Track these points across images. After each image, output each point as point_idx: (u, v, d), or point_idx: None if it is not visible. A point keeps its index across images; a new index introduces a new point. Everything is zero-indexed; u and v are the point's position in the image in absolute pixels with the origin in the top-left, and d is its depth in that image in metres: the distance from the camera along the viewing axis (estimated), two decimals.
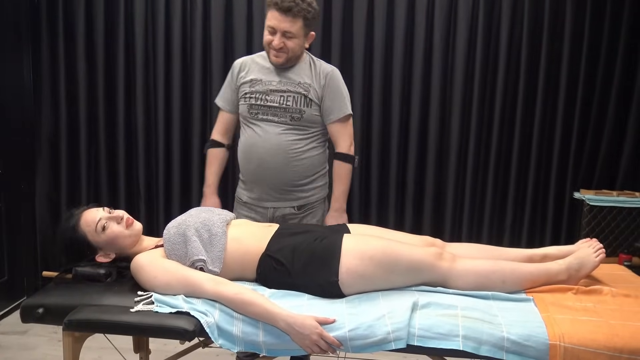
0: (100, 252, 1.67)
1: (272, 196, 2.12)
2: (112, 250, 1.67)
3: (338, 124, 2.12)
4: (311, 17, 1.97)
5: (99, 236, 1.63)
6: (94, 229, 1.62)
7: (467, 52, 2.82)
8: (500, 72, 2.82)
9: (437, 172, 2.92)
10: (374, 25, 2.83)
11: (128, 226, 1.66)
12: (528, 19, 2.76)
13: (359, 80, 2.87)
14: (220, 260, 1.61)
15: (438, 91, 2.86)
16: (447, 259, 1.64)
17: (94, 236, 1.63)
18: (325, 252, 1.60)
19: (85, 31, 2.93)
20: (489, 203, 2.93)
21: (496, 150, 2.89)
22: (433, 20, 2.81)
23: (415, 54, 2.84)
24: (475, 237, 2.94)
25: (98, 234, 1.63)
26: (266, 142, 2.06)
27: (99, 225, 1.62)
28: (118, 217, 1.66)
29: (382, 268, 1.58)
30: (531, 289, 1.65)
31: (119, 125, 3.00)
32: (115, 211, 1.69)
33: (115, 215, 1.66)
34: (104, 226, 1.63)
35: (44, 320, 1.50)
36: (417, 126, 2.89)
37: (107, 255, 1.68)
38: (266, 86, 2.06)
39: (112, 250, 1.67)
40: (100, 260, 1.67)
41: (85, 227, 1.64)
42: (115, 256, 1.69)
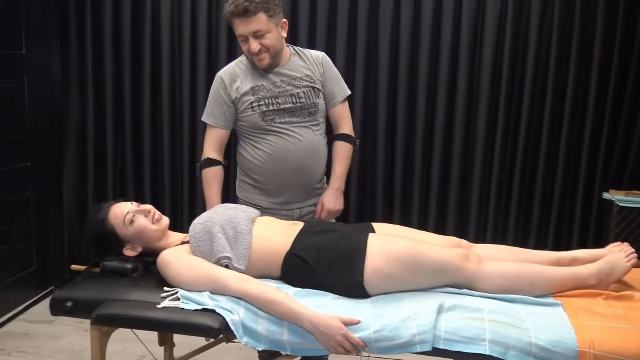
0: (127, 245, 1.70)
1: (301, 197, 2.11)
2: (139, 243, 1.70)
3: (341, 105, 2.14)
4: (271, 6, 1.90)
5: (126, 229, 1.66)
6: (122, 222, 1.66)
7: (495, 47, 2.77)
8: (528, 68, 2.77)
9: (462, 170, 2.88)
10: (400, 20, 2.79)
11: (156, 221, 1.69)
12: (559, 13, 2.70)
13: (384, 76, 2.83)
14: (245, 257, 1.62)
15: (464, 87, 2.81)
16: (473, 260, 1.62)
17: (122, 229, 1.66)
18: (351, 251, 1.59)
19: (112, 23, 2.95)
20: (515, 202, 2.88)
21: (523, 148, 2.84)
22: (460, 14, 2.76)
23: (441, 50, 2.80)
24: (501, 237, 2.89)
25: (126, 226, 1.66)
26: (298, 144, 2.03)
27: (127, 218, 1.66)
28: (146, 211, 1.69)
29: (408, 269, 1.57)
30: (559, 293, 1.62)
31: (144, 118, 3.02)
32: (143, 205, 1.72)
33: (143, 208, 1.70)
34: (132, 219, 1.66)
35: (73, 313, 1.53)
36: (442, 123, 2.85)
37: (134, 249, 1.70)
38: (271, 90, 2.01)
39: (139, 243, 1.70)
40: (127, 254, 1.69)
41: (113, 219, 1.67)
42: (142, 250, 1.71)
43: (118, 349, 2.52)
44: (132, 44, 2.96)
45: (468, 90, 2.82)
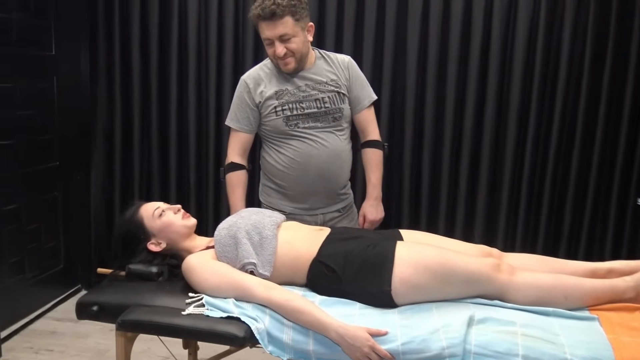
0: (152, 239, 1.71)
1: (324, 202, 2.08)
2: (164, 238, 1.71)
3: (367, 111, 2.11)
4: (298, 9, 1.87)
5: (154, 221, 1.70)
6: (151, 214, 1.70)
7: (526, 48, 2.69)
8: (561, 70, 2.68)
9: (491, 175, 2.82)
10: (429, 23, 2.73)
11: (184, 216, 1.74)
12: (594, 12, 2.61)
13: (411, 79, 2.78)
14: (270, 263, 1.60)
15: (494, 90, 2.75)
16: (505, 270, 1.58)
17: (150, 221, 1.70)
18: (378, 259, 1.55)
19: (139, 25, 2.95)
20: (545, 209, 2.80)
21: (555, 152, 2.76)
22: (491, 16, 2.69)
23: (471, 53, 2.73)
24: (530, 245, 2.82)
25: (154, 218, 1.70)
26: (322, 150, 2.00)
27: (156, 211, 1.71)
28: (175, 208, 1.74)
29: (437, 279, 1.53)
30: (595, 306, 1.56)
31: (171, 119, 3.03)
32: None
33: (174, 206, 1.75)
34: (161, 213, 1.70)
35: (99, 317, 1.54)
36: (470, 127, 2.79)
37: (158, 244, 1.71)
38: (296, 94, 1.98)
39: (164, 238, 1.71)
40: (150, 248, 1.71)
41: (143, 212, 1.72)
42: (166, 246, 1.71)
43: (142, 349, 2.53)
44: (159, 45, 2.97)
45: (498, 93, 2.75)
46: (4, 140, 2.59)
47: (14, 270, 2.71)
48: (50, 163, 2.94)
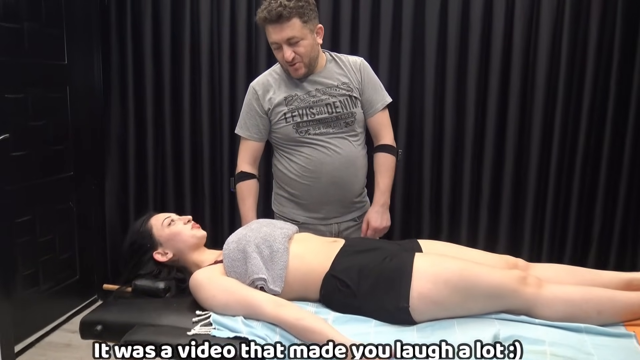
0: (159, 249, 1.68)
1: (339, 211, 2.01)
2: (170, 248, 1.68)
3: (380, 114, 2.03)
4: (306, 11, 1.80)
5: (163, 230, 1.68)
6: (160, 222, 1.70)
7: (551, 44, 2.56)
8: (588, 72, 2.55)
9: (515, 181, 2.69)
10: (448, 20, 2.62)
11: (194, 227, 1.72)
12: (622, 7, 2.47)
13: (430, 81, 2.68)
14: (281, 278, 1.52)
15: (517, 92, 2.62)
16: (532, 283, 1.48)
17: (159, 229, 1.69)
18: (395, 273, 1.47)
19: (152, 34, 2.92)
20: (573, 215, 2.66)
21: (583, 154, 2.62)
22: (513, 12, 2.57)
23: (492, 52, 2.62)
24: (558, 252, 2.69)
25: (163, 227, 1.69)
26: (335, 156, 1.92)
27: (166, 220, 1.70)
28: (186, 219, 1.73)
29: (459, 293, 1.44)
30: (632, 321, 1.45)
31: (184, 127, 2.98)
32: None
33: (183, 217, 1.75)
34: (170, 222, 1.69)
35: (103, 337, 1.48)
36: (493, 131, 2.67)
37: (164, 254, 1.68)
38: (306, 100, 1.91)
39: (171, 248, 1.68)
40: (156, 258, 1.68)
41: (154, 221, 1.72)
42: (172, 256, 1.68)
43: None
44: (172, 53, 2.93)
45: (521, 95, 2.63)
46: (17, 151, 2.57)
47: (28, 282, 2.69)
48: (64, 173, 2.91)
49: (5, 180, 2.50)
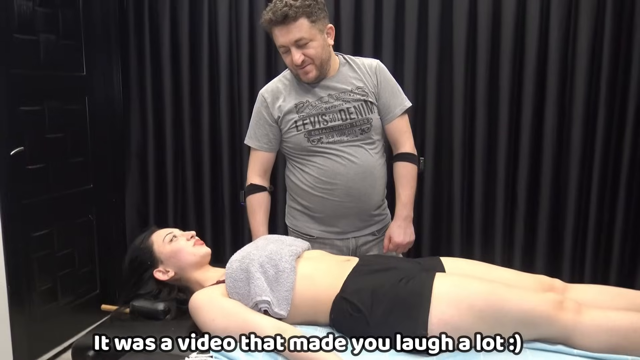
0: (160, 267, 1.60)
1: (356, 225, 1.87)
2: (172, 266, 1.60)
3: (399, 120, 1.88)
4: (313, 10, 1.68)
5: (164, 246, 1.61)
6: (162, 239, 1.63)
7: (591, 49, 2.39)
8: (633, 78, 2.35)
9: (554, 193, 2.51)
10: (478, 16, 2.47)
11: (196, 244, 1.62)
12: None
13: (459, 84, 2.53)
14: (287, 301, 1.39)
15: (555, 95, 2.45)
16: (570, 309, 1.32)
17: (160, 246, 1.61)
18: (412, 297, 1.33)
19: (170, 46, 2.88)
20: (619, 228, 2.46)
21: (629, 162, 2.42)
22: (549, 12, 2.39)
23: (526, 53, 2.45)
24: (602, 275, 2.49)
25: (164, 244, 1.61)
26: (350, 166, 1.79)
27: (167, 236, 1.63)
28: (188, 235, 1.65)
29: (485, 320, 1.29)
30: None
31: (204, 139, 2.93)
32: None
33: (186, 233, 1.66)
34: (172, 239, 1.62)
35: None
36: (528, 138, 2.51)
37: (165, 272, 1.60)
38: (317, 106, 1.79)
39: (172, 266, 1.60)
40: (157, 276, 1.59)
41: (155, 236, 1.65)
42: (174, 275, 1.59)
43: None
44: (191, 66, 2.89)
45: (559, 99, 2.45)
46: (34, 164, 2.54)
47: (46, 297, 2.65)
48: (84, 186, 2.88)
49: (22, 194, 2.48)
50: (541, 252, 2.54)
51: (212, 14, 2.80)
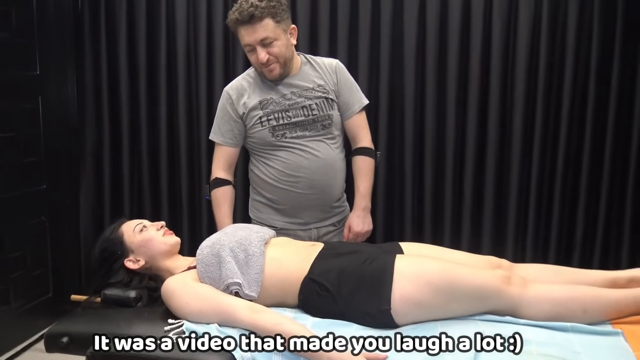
0: (130, 256, 1.62)
1: (318, 216, 1.96)
2: (143, 255, 1.62)
3: (358, 116, 2.00)
4: (278, 11, 1.78)
5: (134, 236, 1.62)
6: (132, 229, 1.64)
7: (530, 48, 2.57)
8: (567, 69, 2.55)
9: (497, 181, 2.67)
10: (426, 18, 2.61)
11: (166, 233, 1.65)
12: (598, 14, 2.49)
13: (410, 82, 2.65)
14: (257, 283, 1.46)
15: (498, 91, 2.60)
16: (516, 283, 1.45)
17: (130, 236, 1.62)
18: (376, 275, 1.42)
19: (127, 43, 2.86)
20: (556, 216, 2.64)
21: (564, 157, 2.61)
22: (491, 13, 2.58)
23: (471, 53, 2.60)
24: (542, 252, 2.66)
25: (135, 234, 1.62)
26: (312, 160, 1.89)
27: (138, 226, 1.64)
28: (158, 225, 1.67)
29: (441, 294, 1.40)
30: (618, 319, 1.43)
31: (161, 138, 2.92)
32: None
33: (156, 223, 1.68)
34: (142, 229, 1.63)
35: (69, 349, 1.41)
36: (474, 130, 2.64)
37: (136, 261, 1.61)
38: (281, 103, 1.88)
39: (143, 255, 1.62)
40: (127, 265, 1.61)
41: (125, 227, 1.66)
42: (144, 264, 1.61)
43: None
44: (147, 63, 2.88)
45: (501, 95, 2.62)
46: None
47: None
48: (37, 187, 2.82)
49: None
50: (487, 237, 2.69)
51: (170, 14, 2.80)
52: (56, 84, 2.90)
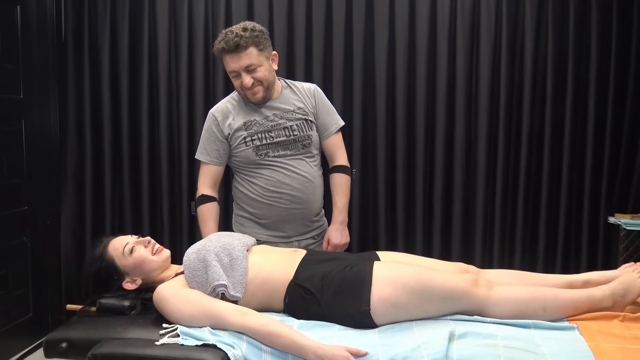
0: (127, 278, 1.66)
1: (299, 230, 2.08)
2: (139, 275, 1.67)
3: (335, 137, 2.14)
4: (261, 40, 1.92)
5: (126, 259, 1.64)
6: (121, 252, 1.65)
7: (491, 71, 2.77)
8: (525, 92, 2.76)
9: (464, 196, 2.84)
10: (396, 46, 2.79)
11: (157, 252, 1.68)
12: (552, 32, 2.71)
13: (381, 104, 2.82)
14: (242, 284, 1.56)
15: (463, 114, 2.80)
16: (483, 285, 1.58)
17: (121, 260, 1.65)
18: (356, 280, 1.54)
19: (109, 67, 2.95)
20: (519, 229, 2.83)
21: (525, 174, 2.80)
22: (455, 39, 2.77)
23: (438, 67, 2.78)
24: (507, 264, 2.82)
25: (125, 257, 1.64)
26: (294, 177, 2.01)
27: (126, 248, 1.65)
28: (145, 241, 1.69)
29: (416, 296, 1.52)
30: (574, 316, 1.57)
31: (142, 160, 2.99)
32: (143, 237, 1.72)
33: (142, 239, 1.69)
34: (132, 249, 1.65)
35: (68, 355, 1.47)
36: (442, 150, 2.82)
37: (133, 281, 1.67)
38: (264, 124, 2.00)
39: (139, 275, 1.67)
40: (127, 287, 1.66)
41: (112, 251, 1.66)
42: (142, 282, 1.67)
43: None
44: (129, 85, 2.96)
45: (466, 117, 2.81)
46: None
47: None
48: (18, 208, 2.85)
49: None
50: (456, 248, 2.84)
51: (152, 41, 2.91)
52: (39, 107, 2.95)
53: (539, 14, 2.73)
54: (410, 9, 2.78)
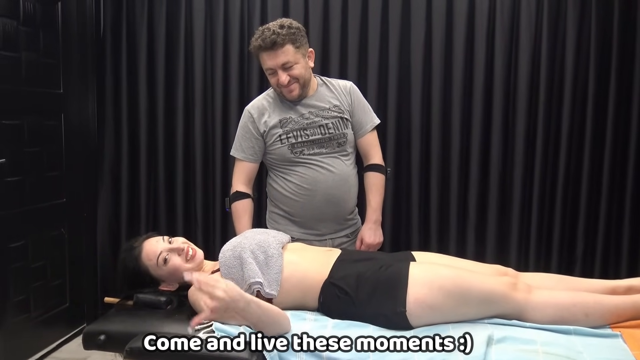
0: (163, 284, 1.69)
1: (333, 228, 2.07)
2: (174, 280, 1.69)
3: (370, 135, 2.12)
4: (297, 37, 1.90)
5: (160, 269, 1.66)
6: (155, 263, 1.65)
7: (531, 68, 2.71)
8: (566, 89, 2.69)
9: (500, 197, 2.79)
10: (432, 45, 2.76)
11: (190, 258, 1.67)
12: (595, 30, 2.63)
13: (416, 102, 2.79)
14: (277, 282, 1.56)
15: (500, 111, 2.75)
16: (522, 289, 1.54)
17: (156, 270, 1.66)
18: (392, 280, 1.52)
19: (146, 63, 3.00)
20: (557, 230, 2.76)
21: (564, 173, 2.73)
22: (494, 36, 2.72)
23: (475, 76, 2.74)
24: (544, 268, 2.76)
25: (160, 267, 1.65)
26: (328, 175, 2.00)
27: (160, 258, 1.65)
28: (179, 249, 1.67)
29: (453, 299, 1.49)
30: (617, 323, 1.52)
31: (177, 156, 3.03)
32: (174, 239, 1.70)
33: (176, 247, 1.67)
34: (165, 259, 1.64)
35: (106, 347, 1.49)
36: (478, 149, 2.77)
37: (170, 285, 1.69)
38: (299, 122, 1.99)
39: (175, 280, 1.69)
40: (164, 289, 1.68)
41: (147, 260, 1.66)
42: (178, 286, 1.70)
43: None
44: (166, 82, 3.00)
45: (504, 116, 2.76)
46: (12, 176, 2.59)
47: (19, 309, 2.66)
48: (57, 200, 2.93)
49: (0, 205, 2.52)
50: (490, 249, 2.79)
51: (188, 35, 2.94)
52: (78, 102, 3.02)
53: (581, 12, 2.66)
54: (447, 6, 2.74)
